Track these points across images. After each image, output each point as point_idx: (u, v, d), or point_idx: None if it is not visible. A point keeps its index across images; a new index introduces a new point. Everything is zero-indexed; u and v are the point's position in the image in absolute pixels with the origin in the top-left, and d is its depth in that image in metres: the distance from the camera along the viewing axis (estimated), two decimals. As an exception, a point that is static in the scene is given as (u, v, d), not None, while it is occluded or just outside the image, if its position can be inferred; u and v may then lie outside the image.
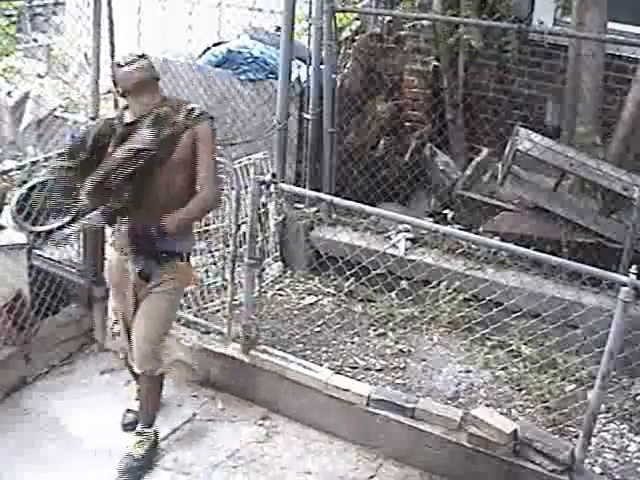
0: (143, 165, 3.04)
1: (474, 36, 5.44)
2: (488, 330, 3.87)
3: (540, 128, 5.33)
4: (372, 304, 4.58)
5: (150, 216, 3.09)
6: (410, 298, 4.37)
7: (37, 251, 4.28)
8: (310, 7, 4.95)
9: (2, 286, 3.81)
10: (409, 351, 4.23)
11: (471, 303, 4.22)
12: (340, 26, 5.46)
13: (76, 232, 3.12)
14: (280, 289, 4.75)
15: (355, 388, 3.66)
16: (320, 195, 4.00)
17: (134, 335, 3.35)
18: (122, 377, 3.94)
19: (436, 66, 5.85)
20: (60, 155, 3.16)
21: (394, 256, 4.38)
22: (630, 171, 4.63)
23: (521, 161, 4.86)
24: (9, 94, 5.01)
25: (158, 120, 3.06)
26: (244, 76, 5.52)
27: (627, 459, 3.53)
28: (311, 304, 4.61)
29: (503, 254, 4.49)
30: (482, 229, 4.89)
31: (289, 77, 4.90)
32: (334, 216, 5.08)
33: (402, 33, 5.85)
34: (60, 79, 6.77)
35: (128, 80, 3.04)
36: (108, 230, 3.49)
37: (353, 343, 4.26)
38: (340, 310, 4.49)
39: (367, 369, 4.03)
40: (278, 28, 5.45)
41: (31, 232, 4.21)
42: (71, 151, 3.13)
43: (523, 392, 3.91)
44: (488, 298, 3.86)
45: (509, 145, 4.96)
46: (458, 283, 4.39)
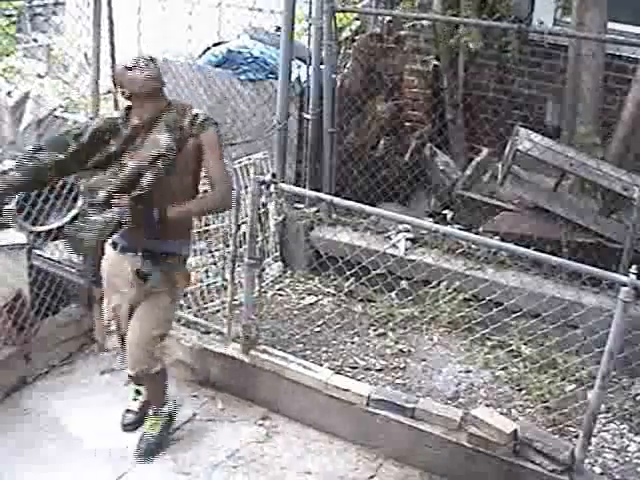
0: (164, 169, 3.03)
1: (473, 37, 5.44)
2: (488, 330, 3.87)
3: (540, 128, 5.33)
4: (372, 304, 4.58)
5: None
6: (410, 298, 4.37)
7: (37, 251, 4.29)
8: (310, 7, 4.95)
9: (2, 286, 3.81)
10: (409, 351, 4.23)
11: (471, 303, 4.22)
12: (340, 26, 5.46)
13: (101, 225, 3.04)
14: (280, 289, 4.75)
15: (355, 388, 3.66)
16: (320, 195, 3.99)
17: (128, 336, 3.34)
18: (122, 377, 3.93)
19: (436, 66, 5.85)
20: (48, 142, 3.10)
21: (394, 256, 4.38)
22: (630, 171, 4.63)
23: (521, 161, 4.87)
24: (9, 94, 5.00)
25: (169, 126, 3.05)
26: (244, 76, 5.52)
27: (627, 459, 3.53)
28: (311, 304, 4.61)
29: (503, 254, 4.49)
30: (482, 229, 4.89)
31: (289, 77, 4.90)
32: (334, 216, 5.08)
33: (402, 33, 5.86)
34: (60, 79, 6.76)
35: (136, 84, 3.01)
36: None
37: (353, 343, 4.26)
38: (340, 310, 4.50)
39: (367, 369, 4.03)
40: (278, 28, 5.45)
41: (31, 232, 4.22)
42: (63, 141, 3.05)
43: (523, 392, 3.91)
44: (488, 298, 3.86)
45: (509, 145, 4.96)
46: (458, 283, 4.39)
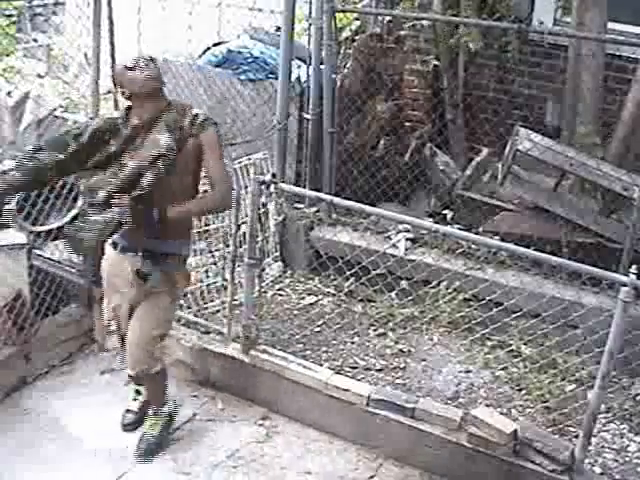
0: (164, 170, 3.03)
1: (473, 37, 5.44)
2: (488, 330, 3.86)
3: (540, 128, 5.33)
4: (372, 304, 4.58)
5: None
6: (410, 298, 4.37)
7: (37, 251, 4.29)
8: (310, 7, 4.95)
9: (2, 286, 3.81)
10: (409, 351, 4.23)
11: (471, 303, 4.22)
12: (340, 26, 5.46)
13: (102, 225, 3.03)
14: (280, 289, 4.75)
15: (355, 388, 3.66)
16: (320, 195, 3.99)
17: (128, 336, 3.33)
18: (122, 377, 3.93)
19: (436, 66, 5.85)
20: (48, 142, 3.10)
21: (394, 256, 4.38)
22: (630, 171, 4.63)
23: (521, 161, 4.86)
24: (9, 94, 5.00)
25: (170, 126, 3.05)
26: (244, 76, 5.52)
27: (627, 459, 3.53)
28: (311, 304, 4.61)
29: (503, 254, 4.49)
30: (482, 229, 4.89)
31: (289, 77, 4.90)
32: (334, 216, 5.08)
33: (402, 33, 5.86)
34: (60, 79, 6.76)
35: (136, 84, 3.01)
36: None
37: (353, 343, 4.26)
38: (340, 310, 4.49)
39: (367, 369, 4.03)
40: (278, 28, 5.45)
41: (31, 232, 4.22)
42: (63, 141, 3.04)
43: (523, 392, 3.91)
44: (488, 298, 3.86)
45: (509, 145, 4.96)
46: (458, 283, 4.39)
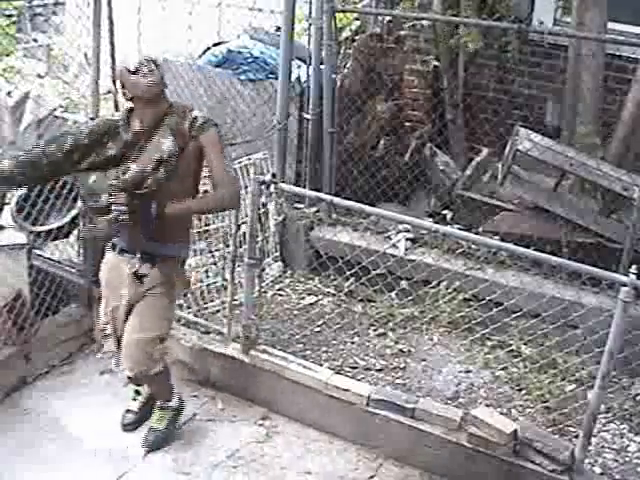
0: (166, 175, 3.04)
1: (473, 37, 5.44)
2: (488, 330, 3.86)
3: (540, 128, 5.33)
4: (372, 304, 4.58)
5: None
6: (410, 298, 4.37)
7: (37, 251, 4.29)
8: (310, 7, 4.95)
9: (2, 286, 3.81)
10: (409, 351, 4.23)
11: (471, 303, 4.22)
12: (340, 26, 5.45)
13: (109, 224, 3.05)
14: (280, 289, 4.75)
15: (355, 388, 3.65)
16: (320, 195, 3.99)
17: (126, 338, 3.32)
18: (122, 377, 3.92)
19: (436, 66, 5.85)
20: (46, 140, 3.11)
21: (394, 256, 4.38)
22: (630, 171, 4.63)
23: (521, 161, 4.86)
24: (9, 94, 5.00)
25: (172, 129, 3.05)
26: (244, 76, 5.52)
27: (627, 459, 3.52)
28: (311, 304, 4.61)
29: (503, 254, 4.49)
30: (482, 229, 4.89)
31: (289, 77, 4.90)
32: (334, 216, 5.08)
33: (402, 33, 5.86)
34: (60, 79, 6.77)
35: (139, 89, 3.00)
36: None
37: (353, 343, 4.26)
38: (340, 310, 4.49)
39: (367, 369, 4.03)
40: (278, 28, 5.44)
41: (31, 232, 4.22)
42: (60, 140, 3.05)
43: (523, 392, 3.91)
44: (488, 298, 3.85)
45: (509, 145, 4.96)
46: (458, 283, 4.39)
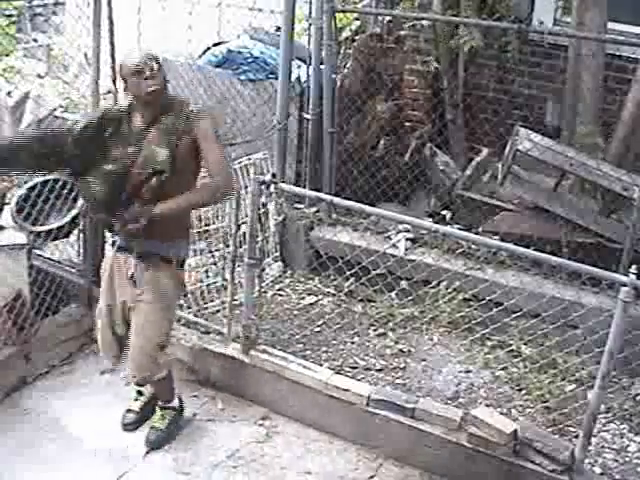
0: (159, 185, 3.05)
1: (472, 37, 5.44)
2: (488, 330, 3.86)
3: (540, 128, 5.33)
4: (372, 304, 4.58)
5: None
6: (410, 298, 4.37)
7: (37, 251, 4.29)
8: (310, 7, 4.95)
9: (2, 286, 3.81)
10: (409, 351, 4.23)
11: (471, 303, 4.22)
12: (340, 26, 5.45)
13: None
14: (280, 289, 4.75)
15: (355, 388, 3.65)
16: (320, 195, 3.99)
17: (131, 341, 3.33)
18: (123, 377, 3.93)
19: (436, 66, 5.85)
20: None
21: (394, 256, 4.38)
22: (630, 171, 4.63)
23: (521, 161, 4.86)
24: (9, 94, 5.01)
25: (169, 132, 3.05)
26: (244, 76, 5.52)
27: (627, 459, 3.53)
28: (311, 304, 4.61)
29: (503, 254, 4.49)
30: (482, 229, 4.89)
31: (289, 77, 4.90)
32: (334, 216, 5.08)
33: (402, 33, 5.85)
34: (60, 79, 6.77)
35: (141, 90, 3.01)
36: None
37: (353, 343, 4.26)
38: (340, 310, 4.49)
39: (367, 369, 4.03)
40: (278, 28, 5.45)
41: (31, 232, 4.22)
42: (61, 133, 3.08)
43: (523, 392, 3.91)
44: (488, 298, 3.85)
45: (509, 145, 4.96)
46: (458, 283, 4.39)
